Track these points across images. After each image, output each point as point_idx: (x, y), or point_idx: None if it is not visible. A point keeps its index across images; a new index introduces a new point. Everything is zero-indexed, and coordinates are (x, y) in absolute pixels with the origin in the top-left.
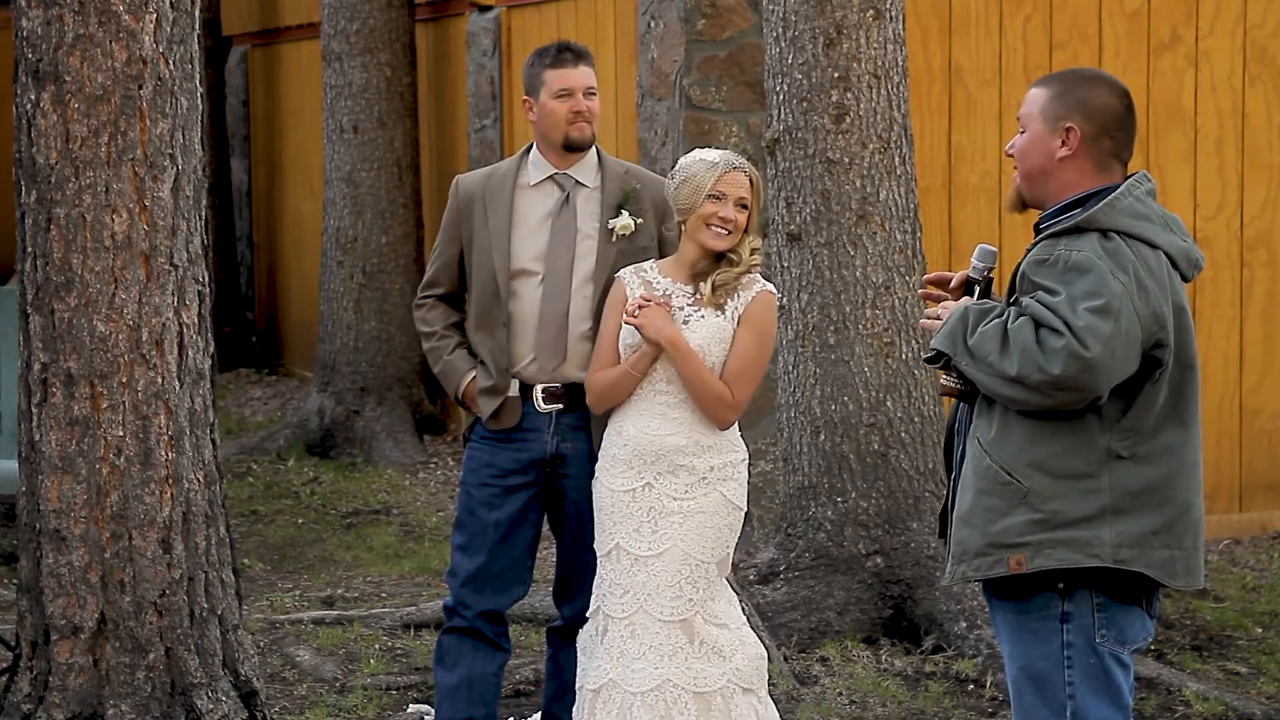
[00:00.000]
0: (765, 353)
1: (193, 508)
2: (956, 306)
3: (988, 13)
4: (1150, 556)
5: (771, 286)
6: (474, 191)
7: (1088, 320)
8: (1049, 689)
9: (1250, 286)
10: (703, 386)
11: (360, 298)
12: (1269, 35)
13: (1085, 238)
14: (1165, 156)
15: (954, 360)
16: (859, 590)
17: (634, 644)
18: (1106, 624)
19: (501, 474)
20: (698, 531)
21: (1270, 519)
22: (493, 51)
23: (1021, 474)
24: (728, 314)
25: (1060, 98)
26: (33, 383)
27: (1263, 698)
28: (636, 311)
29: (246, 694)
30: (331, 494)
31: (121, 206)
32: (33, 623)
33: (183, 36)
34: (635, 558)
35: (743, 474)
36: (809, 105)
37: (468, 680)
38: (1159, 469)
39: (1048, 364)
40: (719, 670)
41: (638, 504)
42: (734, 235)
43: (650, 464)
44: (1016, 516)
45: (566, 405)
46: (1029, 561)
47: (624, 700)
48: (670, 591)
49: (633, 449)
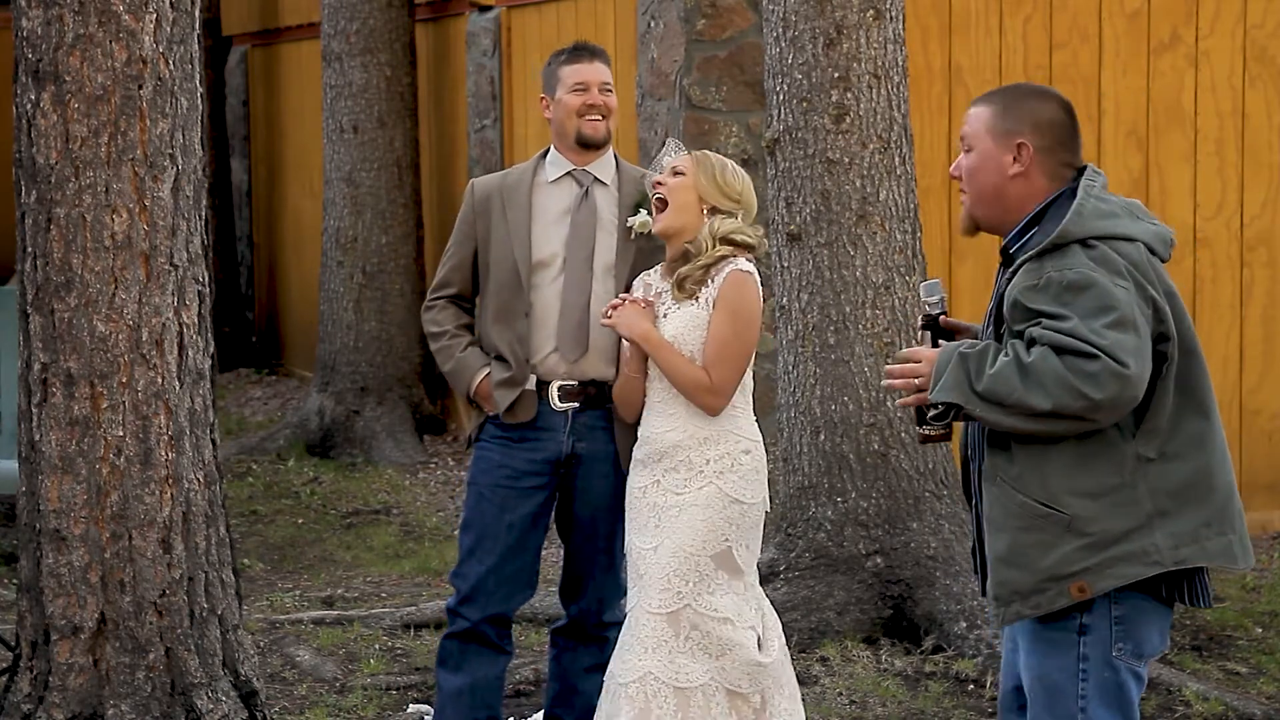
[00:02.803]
0: (743, 332)
1: (193, 508)
2: (941, 354)
3: (988, 13)
4: (1209, 549)
5: (747, 265)
6: (491, 190)
7: (1113, 338)
8: (1060, 700)
9: (1250, 286)
10: (679, 375)
11: (360, 298)
12: (1269, 35)
13: (1069, 253)
14: (1165, 156)
15: (966, 409)
16: (859, 590)
17: (628, 636)
18: (1124, 637)
19: (516, 475)
20: (689, 524)
21: (1270, 519)
22: (493, 51)
23: (1060, 503)
24: (702, 301)
25: (1008, 113)
26: (33, 383)
27: (1263, 698)
28: (611, 313)
29: (246, 694)
30: (331, 494)
31: (121, 206)
32: (33, 623)
33: (183, 36)
34: (640, 552)
35: (747, 464)
36: (809, 105)
37: (471, 685)
38: (1191, 462)
39: (1089, 389)
40: (703, 667)
41: (646, 501)
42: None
43: (657, 462)
44: (1066, 546)
45: (584, 404)
46: (1093, 587)
47: (613, 690)
48: (659, 584)
49: (645, 448)
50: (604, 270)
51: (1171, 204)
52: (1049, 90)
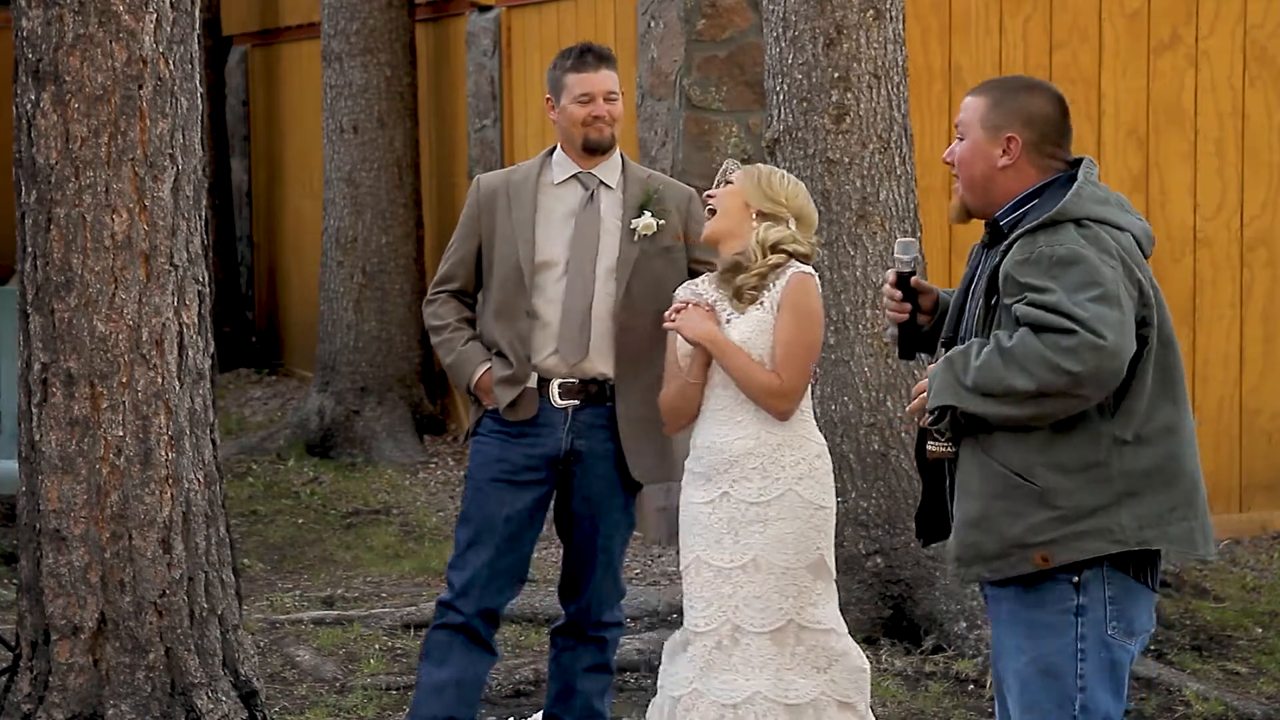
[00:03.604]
0: (807, 332)
1: (193, 508)
2: (933, 368)
3: (988, 13)
4: (1170, 533)
5: (808, 268)
6: (496, 187)
7: (1094, 310)
8: (1060, 682)
9: (1250, 286)
10: (750, 379)
11: (360, 298)
12: (1269, 35)
13: (1062, 230)
14: (1165, 156)
15: (960, 408)
16: (859, 590)
17: (721, 655)
18: (1118, 615)
19: (514, 469)
20: (778, 539)
21: (1270, 519)
22: (493, 51)
23: (1034, 475)
24: (766, 306)
25: (999, 107)
26: (33, 383)
27: (1263, 698)
28: (674, 316)
29: (246, 694)
30: (331, 494)
31: (121, 206)
32: (33, 623)
33: (183, 36)
34: (718, 570)
35: (822, 468)
36: (809, 105)
37: (456, 680)
38: (1162, 448)
39: (1068, 363)
40: (812, 682)
41: (716, 515)
42: (715, 222)
43: (724, 472)
44: (1035, 516)
45: (584, 401)
46: (1055, 557)
47: (712, 711)
48: (758, 604)
49: (707, 460)
50: (606, 273)
51: (1171, 204)
52: (1041, 84)
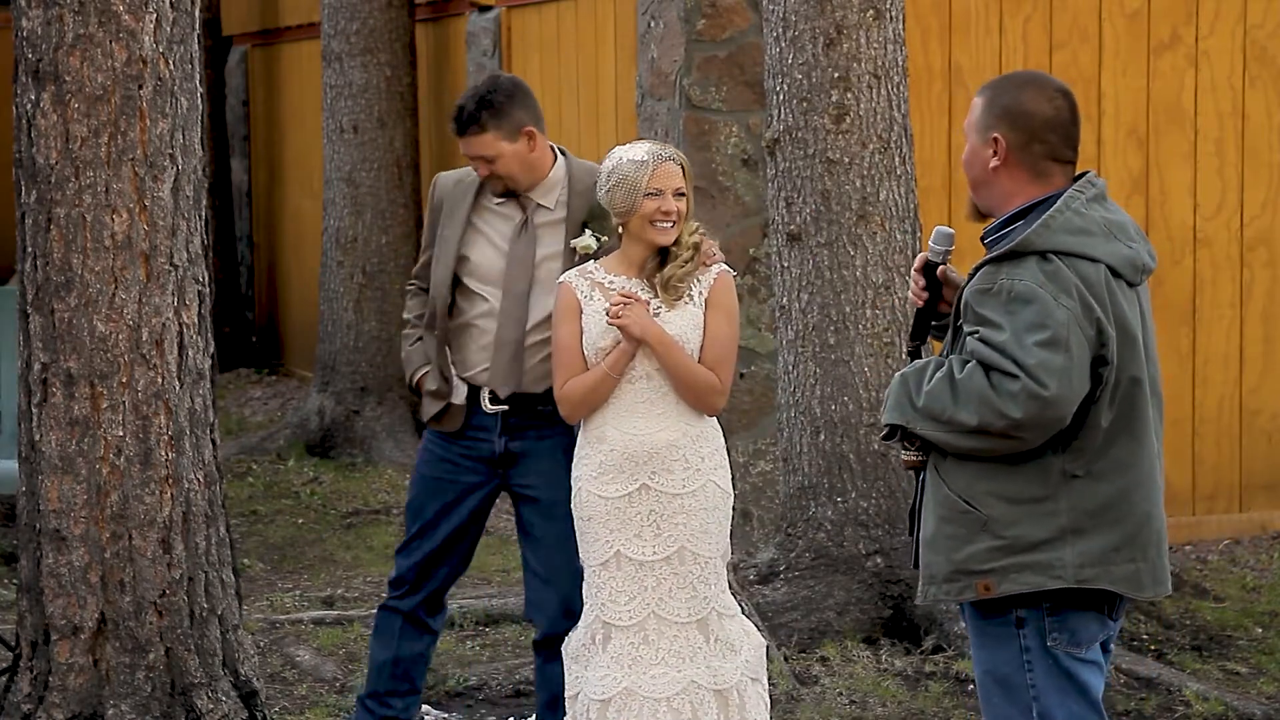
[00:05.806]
0: (736, 332)
1: (193, 508)
2: (894, 380)
3: (988, 13)
4: (1114, 573)
5: (727, 265)
6: (445, 192)
7: (1039, 357)
8: (1014, 691)
9: (1250, 286)
10: (691, 376)
11: (360, 298)
12: (1269, 35)
13: (1025, 263)
14: (1165, 156)
15: (909, 427)
16: (859, 590)
17: (648, 650)
18: (1058, 628)
19: (455, 468)
20: (702, 529)
21: (1270, 519)
22: (493, 51)
23: (980, 502)
24: (695, 299)
25: (989, 106)
26: (33, 383)
27: (1263, 698)
28: (622, 311)
29: (246, 694)
30: (331, 494)
31: (121, 206)
32: (33, 623)
33: (183, 36)
34: (640, 563)
35: (726, 457)
36: (809, 105)
37: (393, 659)
38: (1114, 484)
39: (1007, 408)
40: (733, 665)
41: (635, 508)
42: (678, 225)
43: (643, 465)
44: (979, 544)
45: (514, 407)
46: (996, 587)
47: (646, 707)
48: (684, 594)
49: (621, 453)
50: (541, 297)
51: (1171, 204)
52: (1041, 81)
